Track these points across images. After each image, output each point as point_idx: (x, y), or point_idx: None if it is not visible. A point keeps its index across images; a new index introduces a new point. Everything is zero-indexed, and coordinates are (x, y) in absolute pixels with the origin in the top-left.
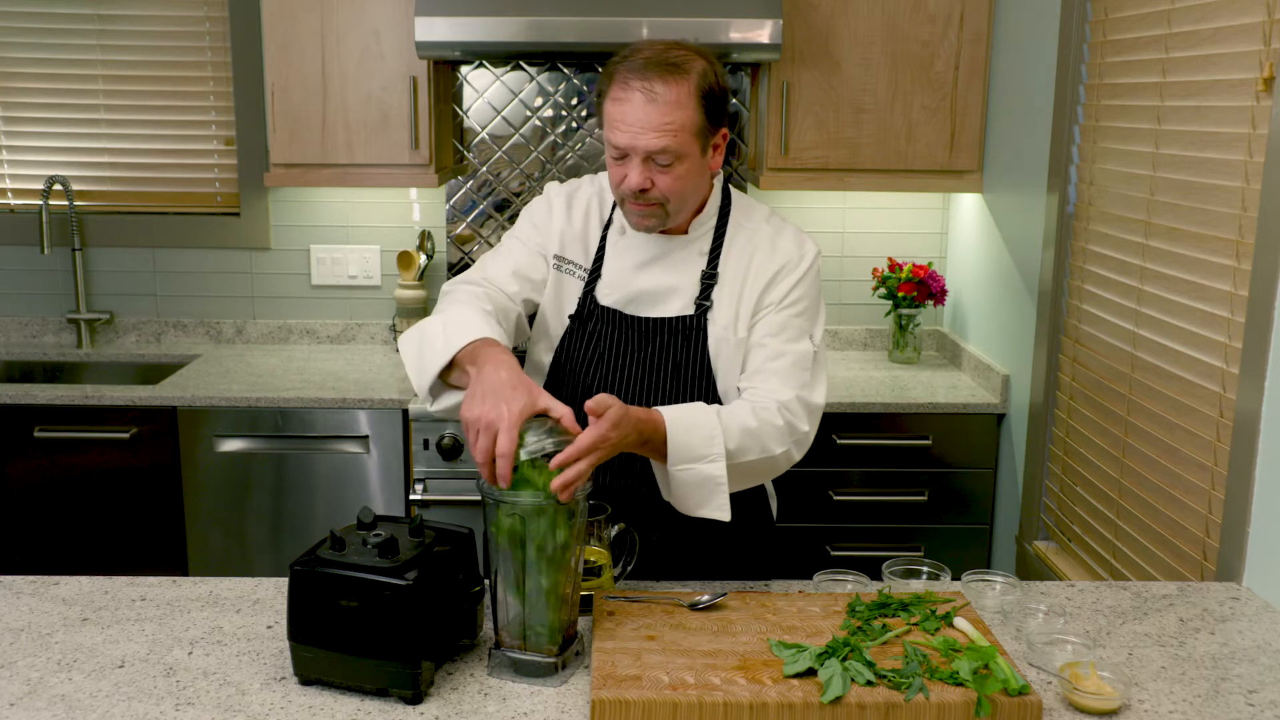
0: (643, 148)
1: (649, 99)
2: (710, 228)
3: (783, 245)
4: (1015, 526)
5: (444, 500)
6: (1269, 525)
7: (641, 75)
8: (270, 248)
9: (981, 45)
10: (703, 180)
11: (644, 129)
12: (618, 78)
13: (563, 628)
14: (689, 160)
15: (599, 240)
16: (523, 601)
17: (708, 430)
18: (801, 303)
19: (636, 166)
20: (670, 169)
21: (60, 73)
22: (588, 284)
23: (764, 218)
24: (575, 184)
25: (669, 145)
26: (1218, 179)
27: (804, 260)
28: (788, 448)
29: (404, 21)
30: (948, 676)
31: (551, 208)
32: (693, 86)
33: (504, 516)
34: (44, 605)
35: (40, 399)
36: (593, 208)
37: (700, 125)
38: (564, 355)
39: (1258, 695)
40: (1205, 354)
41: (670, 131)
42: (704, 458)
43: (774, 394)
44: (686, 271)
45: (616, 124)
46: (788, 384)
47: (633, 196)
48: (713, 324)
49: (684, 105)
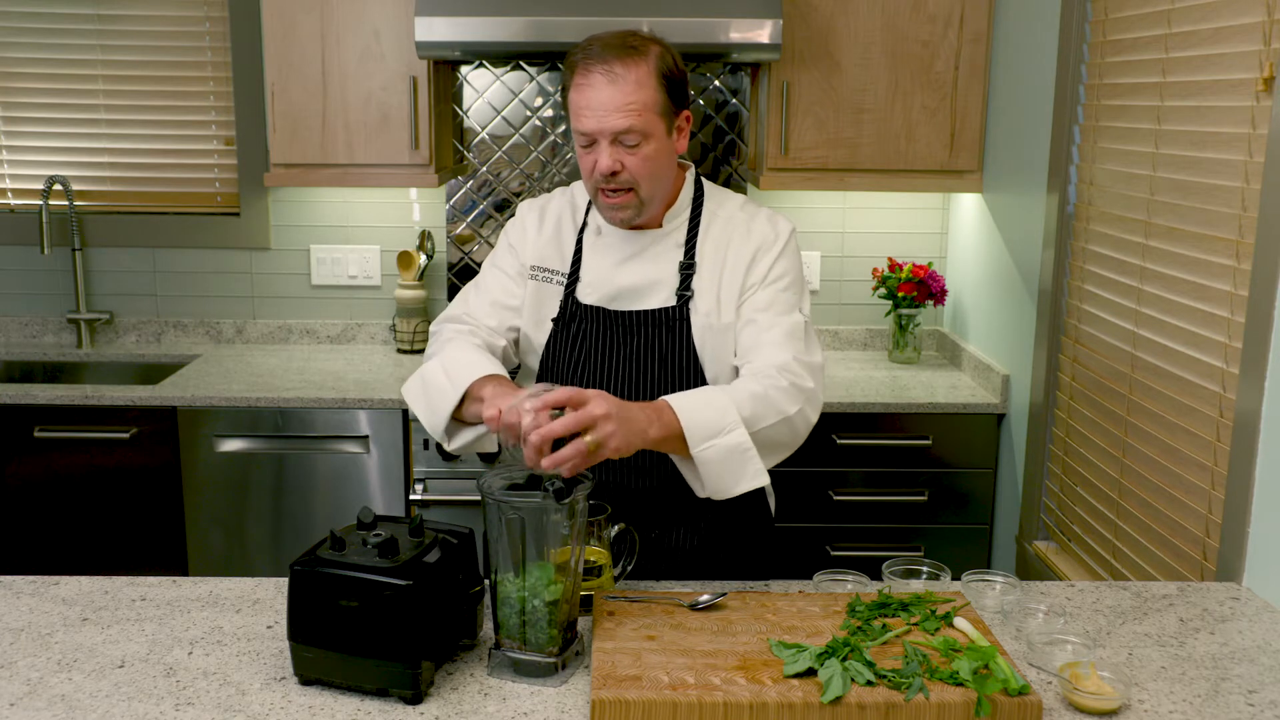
0: (610, 129)
1: (610, 80)
2: (684, 219)
3: (757, 227)
4: (1015, 526)
5: (444, 500)
6: (1269, 525)
7: (601, 59)
8: (270, 248)
9: (981, 45)
10: (670, 163)
11: (609, 110)
12: (579, 66)
13: (563, 628)
14: (655, 139)
15: (575, 245)
16: (523, 602)
17: (718, 404)
18: (786, 278)
19: (605, 150)
20: (638, 149)
21: (60, 73)
22: (567, 287)
23: (738, 205)
24: (546, 198)
25: (634, 124)
26: (1218, 179)
27: (779, 237)
28: (800, 406)
29: (404, 21)
30: (948, 676)
31: (525, 224)
32: (651, 67)
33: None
34: (44, 605)
35: (40, 399)
36: (565, 215)
37: (663, 104)
38: (550, 358)
39: (1258, 695)
40: (1205, 354)
41: (634, 111)
42: (723, 430)
43: (771, 360)
44: (665, 264)
45: (582, 110)
46: (783, 350)
47: (604, 182)
48: (695, 313)
49: (645, 84)
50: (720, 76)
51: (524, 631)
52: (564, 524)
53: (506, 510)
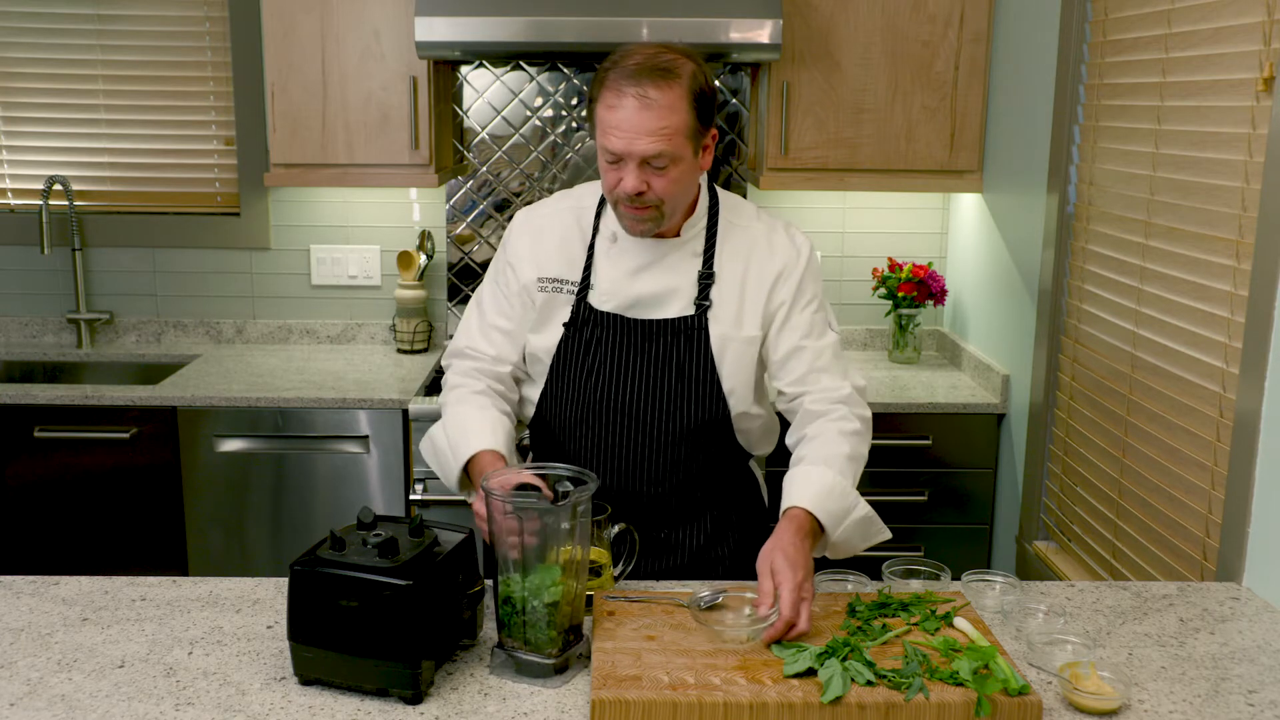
0: (639, 153)
1: (643, 104)
2: (702, 228)
3: (779, 244)
4: (1015, 526)
5: (444, 500)
6: (1269, 525)
7: (635, 81)
8: (270, 248)
9: (981, 45)
10: (694, 181)
11: (639, 134)
12: (609, 83)
13: (565, 629)
14: (683, 163)
15: (586, 253)
16: (523, 602)
17: (839, 489)
18: (817, 299)
19: (632, 171)
20: (665, 172)
21: (60, 73)
22: (579, 294)
23: (754, 215)
24: (542, 209)
25: (664, 149)
26: (1218, 179)
27: (802, 257)
28: (868, 437)
29: (404, 21)
30: (948, 676)
31: (523, 240)
32: (685, 89)
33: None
34: (44, 605)
35: (40, 399)
36: (570, 222)
37: (693, 127)
38: (561, 364)
39: (1258, 695)
40: (1205, 354)
41: (665, 136)
42: (850, 510)
43: (834, 392)
44: (683, 273)
45: (611, 130)
46: (838, 376)
47: (628, 200)
48: (714, 322)
49: (677, 109)
50: (720, 76)
51: (524, 632)
52: (565, 523)
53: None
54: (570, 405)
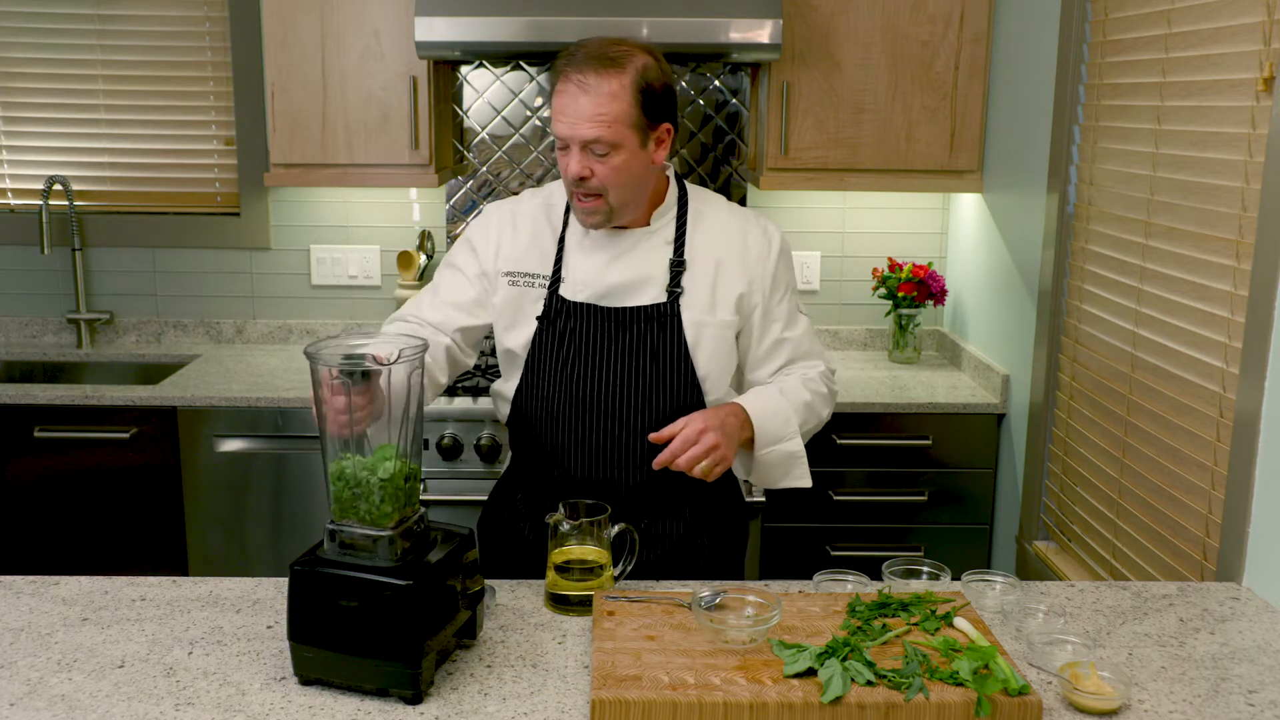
0: (578, 137)
1: (583, 90)
2: (671, 217)
3: (751, 235)
4: (1015, 526)
5: (444, 500)
6: (1269, 525)
7: (579, 69)
8: (270, 248)
9: (981, 45)
10: (644, 174)
11: (578, 119)
12: (559, 70)
13: (400, 507)
14: (625, 151)
15: (556, 246)
16: (355, 477)
17: (783, 413)
18: (790, 286)
19: (576, 155)
20: (607, 159)
21: (60, 73)
22: (551, 287)
23: (724, 206)
24: (514, 201)
25: (602, 135)
26: (1218, 179)
27: (774, 244)
28: (830, 408)
29: (404, 21)
30: (948, 676)
31: (493, 229)
32: (628, 80)
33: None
34: (44, 605)
35: (40, 399)
36: (540, 217)
37: (636, 118)
38: (537, 356)
39: (1258, 695)
40: (1205, 354)
41: (604, 122)
42: (783, 438)
43: (815, 367)
44: (655, 261)
45: (557, 114)
46: (816, 359)
47: (575, 185)
48: (687, 309)
49: (618, 98)
50: (720, 76)
51: (357, 506)
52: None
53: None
54: (547, 397)
